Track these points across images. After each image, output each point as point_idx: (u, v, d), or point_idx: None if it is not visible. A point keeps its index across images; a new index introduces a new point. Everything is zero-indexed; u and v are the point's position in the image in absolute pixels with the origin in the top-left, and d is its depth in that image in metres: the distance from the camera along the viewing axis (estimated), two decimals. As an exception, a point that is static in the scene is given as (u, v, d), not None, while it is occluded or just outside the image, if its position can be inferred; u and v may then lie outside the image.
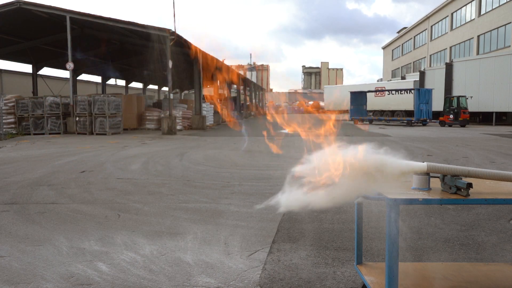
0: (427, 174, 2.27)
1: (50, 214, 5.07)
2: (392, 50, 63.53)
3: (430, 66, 43.94)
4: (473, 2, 36.84)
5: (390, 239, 2.06)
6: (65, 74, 29.59)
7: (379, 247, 3.68)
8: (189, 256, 3.59)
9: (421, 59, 50.31)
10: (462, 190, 2.10)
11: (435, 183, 2.29)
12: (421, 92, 28.01)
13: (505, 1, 31.84)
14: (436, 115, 27.84)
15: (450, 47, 41.76)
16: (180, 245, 3.88)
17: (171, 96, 21.81)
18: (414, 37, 53.11)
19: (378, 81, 59.80)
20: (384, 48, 68.69)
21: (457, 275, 2.64)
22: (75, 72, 27.62)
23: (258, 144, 13.79)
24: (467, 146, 13.25)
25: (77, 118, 20.04)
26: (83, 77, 37.09)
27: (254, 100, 52.20)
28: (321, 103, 56.67)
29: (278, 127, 3.89)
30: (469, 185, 2.07)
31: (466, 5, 38.38)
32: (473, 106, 26.28)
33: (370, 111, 33.93)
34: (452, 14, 41.48)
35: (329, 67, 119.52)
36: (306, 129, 2.88)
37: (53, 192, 6.33)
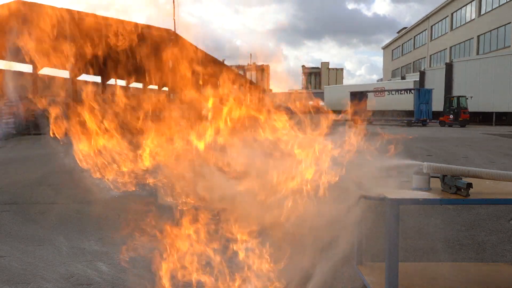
0: (427, 174, 2.27)
1: (50, 214, 5.06)
2: (392, 50, 63.52)
3: (430, 66, 43.93)
4: (473, 2, 36.82)
5: (390, 239, 2.06)
6: (65, 74, 29.57)
7: (379, 247, 3.67)
8: (189, 256, 3.58)
9: (421, 59, 50.29)
10: (462, 190, 2.10)
11: (435, 183, 2.29)
12: (421, 92, 28.01)
13: (505, 1, 31.82)
14: (436, 115, 27.81)
15: (450, 47, 41.74)
16: (180, 245, 3.88)
17: (171, 96, 21.82)
18: (414, 37, 53.10)
19: (378, 81, 59.79)
20: (384, 48, 68.68)
21: (457, 275, 2.64)
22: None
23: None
24: (467, 146, 13.25)
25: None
26: (83, 77, 37.09)
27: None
28: (321, 103, 56.68)
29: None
30: (469, 185, 2.07)
31: (466, 5, 38.37)
32: (473, 106, 26.26)
33: (370, 111, 33.89)
34: (452, 14, 41.46)
35: (329, 67, 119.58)
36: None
37: (53, 192, 6.33)
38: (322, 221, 2.32)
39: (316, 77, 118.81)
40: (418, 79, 34.23)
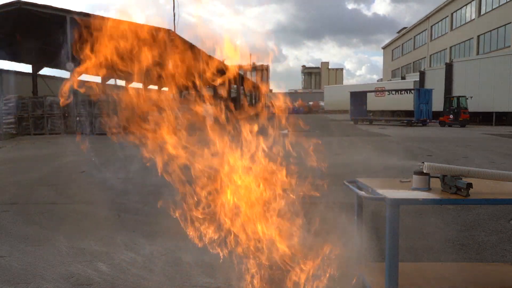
0: (427, 174, 2.26)
1: (50, 214, 5.07)
2: (392, 50, 63.52)
3: (430, 66, 43.92)
4: (473, 2, 36.83)
5: (390, 239, 2.06)
6: (65, 74, 29.64)
7: (379, 247, 3.67)
8: (189, 256, 3.58)
9: (421, 59, 50.29)
10: (462, 190, 2.09)
11: (435, 183, 2.29)
12: (421, 92, 27.99)
13: (505, 1, 31.82)
14: (436, 115, 27.81)
15: (450, 47, 41.74)
16: (180, 245, 3.88)
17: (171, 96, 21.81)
18: (414, 37, 53.11)
19: (378, 81, 59.81)
20: (384, 48, 68.68)
21: (457, 275, 2.64)
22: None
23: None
24: (467, 146, 13.25)
25: (78, 118, 20.04)
26: (83, 77, 37.07)
27: (253, 100, 52.18)
28: (321, 103, 56.70)
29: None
30: (469, 185, 2.07)
31: (466, 5, 38.37)
32: (473, 106, 26.25)
33: (370, 111, 33.93)
34: (452, 14, 41.47)
35: (329, 67, 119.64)
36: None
37: (53, 192, 6.33)
38: (321, 221, 2.32)
39: (316, 77, 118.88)
40: (418, 79, 34.22)
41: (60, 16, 20.77)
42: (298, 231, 2.34)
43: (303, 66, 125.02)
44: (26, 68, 31.39)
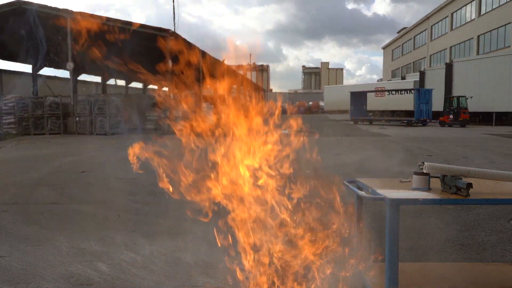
0: (427, 174, 2.26)
1: (50, 214, 5.07)
2: (392, 50, 63.51)
3: (430, 66, 43.91)
4: (473, 2, 36.82)
5: (390, 239, 2.06)
6: (65, 74, 29.64)
7: (380, 247, 3.67)
8: (189, 256, 3.58)
9: (421, 59, 50.28)
10: (462, 190, 2.09)
11: (435, 183, 2.29)
12: (421, 92, 27.99)
13: (505, 1, 31.82)
14: (436, 115, 27.81)
15: (450, 47, 41.73)
16: (180, 245, 3.88)
17: (171, 96, 21.82)
18: (414, 37, 53.10)
19: (378, 81, 59.80)
20: (384, 48, 68.68)
21: (457, 275, 2.64)
22: (75, 72, 27.61)
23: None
24: (467, 146, 13.24)
25: (77, 118, 20.05)
26: (83, 77, 37.08)
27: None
28: (321, 103, 56.69)
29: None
30: (469, 185, 2.07)
31: (466, 5, 38.37)
32: (473, 106, 26.24)
33: (370, 111, 33.92)
34: (452, 14, 41.47)
35: (329, 67, 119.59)
36: None
37: (53, 192, 6.33)
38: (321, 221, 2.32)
39: (316, 77, 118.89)
40: (418, 79, 34.21)
41: (61, 16, 20.78)
42: (298, 231, 2.34)
43: (303, 66, 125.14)
44: (26, 68, 31.42)
